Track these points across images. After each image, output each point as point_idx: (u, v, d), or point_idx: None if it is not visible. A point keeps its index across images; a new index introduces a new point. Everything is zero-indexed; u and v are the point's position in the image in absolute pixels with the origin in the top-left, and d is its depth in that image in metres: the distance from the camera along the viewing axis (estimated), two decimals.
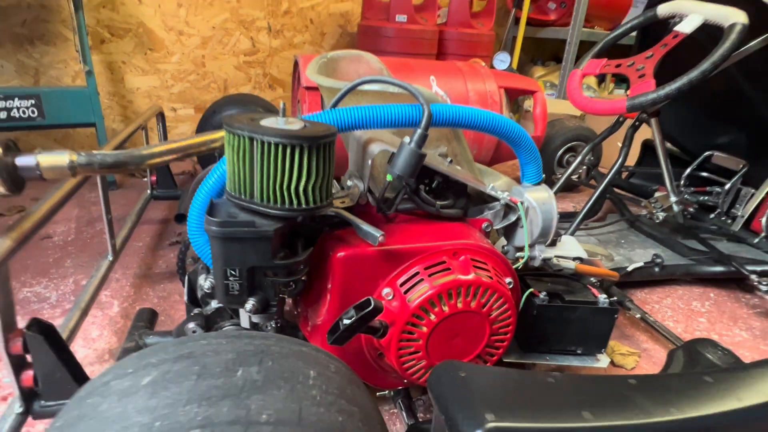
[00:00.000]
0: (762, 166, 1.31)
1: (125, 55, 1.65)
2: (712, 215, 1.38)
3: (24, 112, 1.37)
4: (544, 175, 0.65)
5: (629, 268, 1.06)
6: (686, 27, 0.99)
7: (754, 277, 0.99)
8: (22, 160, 0.51)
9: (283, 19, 1.88)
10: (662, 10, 1.07)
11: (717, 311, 1.06)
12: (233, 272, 0.44)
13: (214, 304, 0.59)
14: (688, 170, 1.45)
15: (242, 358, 0.34)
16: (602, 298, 0.71)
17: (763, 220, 1.24)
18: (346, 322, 0.48)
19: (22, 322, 0.55)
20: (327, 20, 1.98)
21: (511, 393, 0.39)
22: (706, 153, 1.43)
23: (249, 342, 0.37)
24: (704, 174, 1.45)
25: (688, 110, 1.46)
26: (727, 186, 1.36)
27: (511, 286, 0.56)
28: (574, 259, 0.74)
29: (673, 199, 1.21)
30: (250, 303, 0.46)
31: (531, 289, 0.68)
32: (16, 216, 1.32)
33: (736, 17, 0.89)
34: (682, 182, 1.45)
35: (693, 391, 0.44)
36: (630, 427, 0.38)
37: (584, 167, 1.63)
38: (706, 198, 1.42)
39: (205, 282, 0.65)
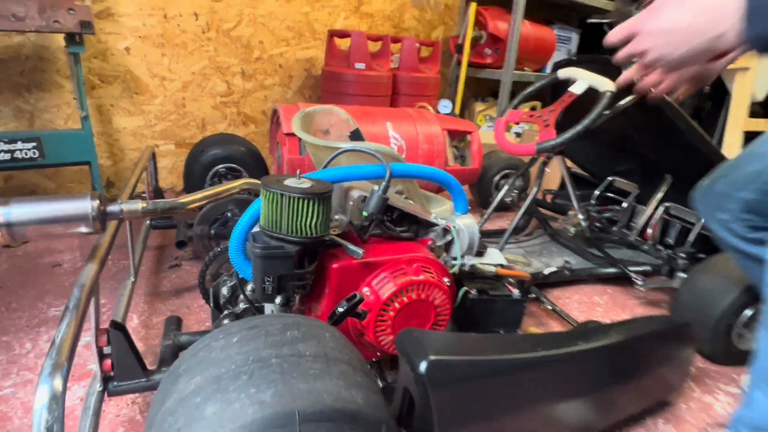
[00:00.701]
0: (648, 190, 1.67)
1: (113, 98, 1.83)
2: (615, 228, 1.73)
3: (26, 154, 1.53)
4: (469, 207, 0.93)
5: (546, 272, 1.37)
6: (577, 89, 1.32)
7: (633, 275, 1.32)
8: (111, 208, 0.73)
9: (255, 65, 2.13)
10: (561, 74, 1.41)
11: (611, 302, 1.39)
12: (268, 279, 0.68)
13: (242, 305, 0.83)
14: (597, 192, 1.81)
15: (287, 327, 0.58)
16: (515, 292, 0.99)
17: (650, 231, 1.59)
18: (340, 310, 0.73)
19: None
20: (294, 65, 2.24)
21: (445, 343, 0.65)
22: (609, 178, 1.80)
23: (288, 318, 0.61)
24: (609, 194, 1.81)
25: (594, 146, 1.82)
26: (624, 205, 1.72)
27: (448, 284, 0.83)
28: (496, 265, 1.03)
29: (580, 217, 1.54)
30: (278, 299, 0.70)
31: (465, 288, 0.96)
32: (22, 246, 1.47)
33: (607, 86, 1.23)
34: (593, 201, 1.81)
35: (555, 341, 0.72)
36: (511, 358, 0.65)
37: (515, 191, 1.96)
38: (610, 214, 1.78)
39: (227, 292, 0.89)
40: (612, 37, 0.69)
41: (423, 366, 0.60)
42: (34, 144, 1.54)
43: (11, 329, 1.06)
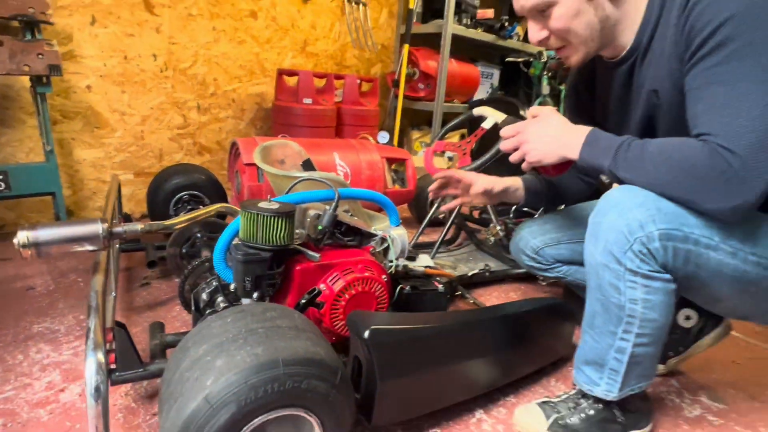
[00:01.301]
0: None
1: (75, 132, 1.95)
2: None
3: None
4: (401, 221, 1.19)
5: (469, 274, 1.65)
6: (486, 125, 1.64)
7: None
8: (116, 229, 0.91)
9: (210, 100, 2.31)
10: (475, 112, 1.72)
11: (523, 296, 1.69)
12: (248, 279, 0.89)
13: (222, 304, 1.02)
14: (514, 207, 2.14)
15: (267, 310, 0.80)
16: (440, 287, 1.25)
17: None
18: (303, 301, 0.96)
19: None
20: (246, 99, 2.45)
21: (383, 318, 0.89)
22: None
23: (266, 305, 0.82)
24: (524, 209, 2.15)
25: (507, 168, 2.16)
26: (536, 217, 2.06)
27: (385, 280, 1.07)
28: (425, 267, 1.29)
29: (498, 228, 1.86)
30: (255, 295, 0.92)
31: (401, 285, 1.21)
32: None
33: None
34: (510, 215, 2.14)
35: (466, 314, 0.98)
36: (432, 326, 0.90)
37: None
38: None
39: (206, 297, 1.08)
40: (504, 132, 1.02)
41: (367, 333, 0.84)
42: (1, 177, 1.64)
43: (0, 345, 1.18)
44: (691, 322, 1.09)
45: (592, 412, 0.95)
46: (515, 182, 1.32)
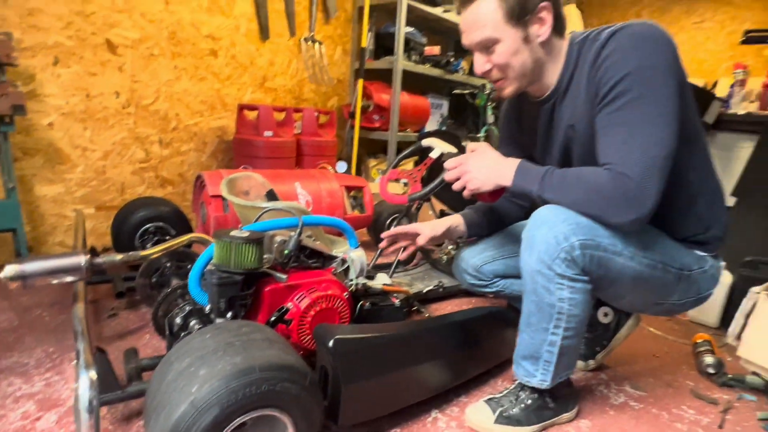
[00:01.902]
0: None
1: (35, 169, 1.97)
2: None
3: None
4: (359, 243, 1.32)
5: (424, 290, 1.80)
6: (434, 154, 1.82)
7: None
8: (97, 260, 0.99)
9: (171, 134, 2.39)
10: (423, 143, 1.90)
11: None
12: (222, 300, 0.99)
13: (197, 326, 1.11)
14: None
15: (241, 326, 0.90)
16: (397, 303, 1.39)
17: None
18: (273, 319, 1.06)
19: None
20: (208, 133, 2.54)
21: (345, 329, 1.01)
22: None
23: (241, 322, 0.92)
24: None
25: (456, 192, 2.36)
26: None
27: (347, 297, 1.19)
28: (383, 285, 1.43)
29: (450, 247, 2.02)
30: (229, 314, 1.01)
31: (361, 302, 1.33)
32: None
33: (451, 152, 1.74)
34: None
35: (419, 323, 1.11)
36: (388, 334, 1.03)
37: None
38: None
39: (180, 321, 1.16)
40: (448, 165, 1.19)
41: (331, 342, 0.95)
42: None
43: None
44: (609, 318, 1.27)
45: (529, 401, 1.10)
46: (455, 220, 1.47)
